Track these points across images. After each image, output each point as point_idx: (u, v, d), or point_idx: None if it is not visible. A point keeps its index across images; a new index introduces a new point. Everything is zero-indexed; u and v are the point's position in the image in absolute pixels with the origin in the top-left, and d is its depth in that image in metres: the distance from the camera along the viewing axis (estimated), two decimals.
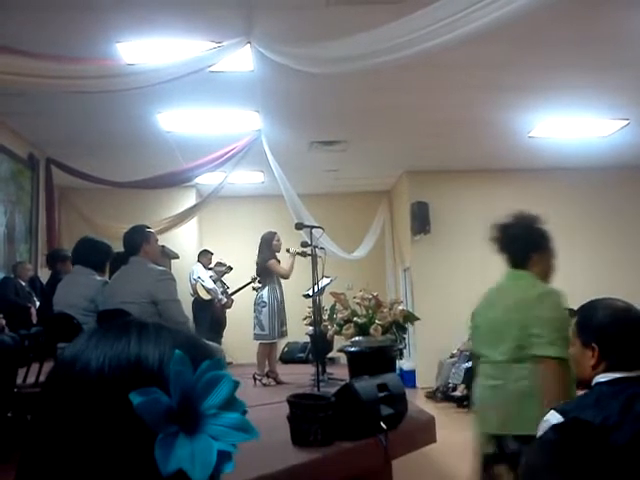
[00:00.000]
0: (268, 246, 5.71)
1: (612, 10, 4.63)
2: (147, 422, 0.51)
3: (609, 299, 1.68)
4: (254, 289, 5.95)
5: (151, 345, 0.56)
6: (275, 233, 5.80)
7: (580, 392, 1.80)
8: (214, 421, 0.53)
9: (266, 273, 5.65)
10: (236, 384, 0.55)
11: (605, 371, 1.58)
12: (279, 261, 5.73)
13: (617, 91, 6.25)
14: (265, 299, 5.53)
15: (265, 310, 5.50)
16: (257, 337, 5.56)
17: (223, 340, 7.95)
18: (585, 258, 9.05)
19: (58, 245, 7.80)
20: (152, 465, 0.50)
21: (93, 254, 4.01)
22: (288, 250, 5.67)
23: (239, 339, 7.54)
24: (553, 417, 1.46)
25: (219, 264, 8.61)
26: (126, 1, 4.32)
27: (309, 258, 4.90)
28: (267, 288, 5.59)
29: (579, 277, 8.73)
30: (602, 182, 9.12)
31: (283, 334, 5.66)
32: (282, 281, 5.75)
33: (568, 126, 7.39)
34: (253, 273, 6.02)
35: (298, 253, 5.55)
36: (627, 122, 7.22)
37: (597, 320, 1.65)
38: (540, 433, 1.48)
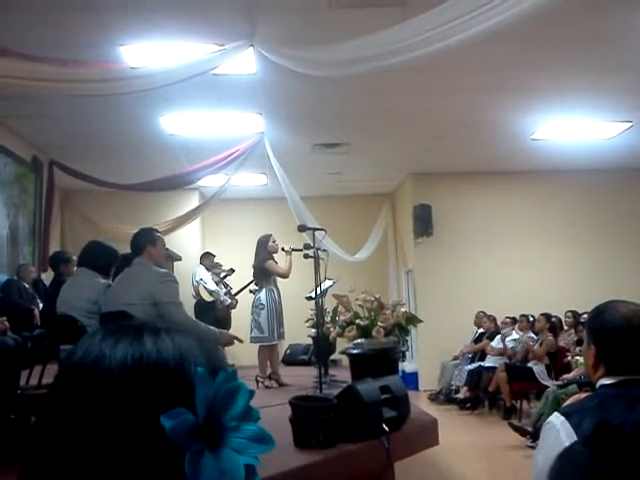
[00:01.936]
0: (264, 248, 5.71)
1: (615, 13, 4.62)
2: (177, 444, 0.50)
3: (622, 302, 1.66)
4: (251, 292, 5.95)
5: (169, 348, 0.56)
6: (270, 235, 5.79)
7: (583, 394, 1.80)
8: (235, 434, 0.53)
9: (263, 275, 5.64)
10: (251, 393, 0.55)
11: (607, 374, 1.58)
12: (276, 262, 5.73)
13: (621, 93, 6.24)
14: (263, 301, 5.53)
15: (263, 312, 5.49)
16: (255, 340, 5.52)
17: None
18: (589, 260, 9.04)
19: (62, 247, 7.84)
20: (176, 470, 0.51)
21: (99, 258, 4.01)
22: (283, 249, 5.66)
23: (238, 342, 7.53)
24: (556, 419, 1.45)
25: (217, 266, 8.61)
26: (129, 4, 4.33)
27: (311, 260, 4.90)
28: (264, 290, 5.58)
29: (583, 279, 8.73)
30: (605, 184, 9.11)
31: (281, 336, 5.66)
32: (285, 283, 5.75)
33: (571, 128, 7.38)
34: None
35: (294, 250, 5.54)
36: (630, 124, 7.21)
37: (599, 321, 1.65)
38: (544, 435, 1.48)
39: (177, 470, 0.50)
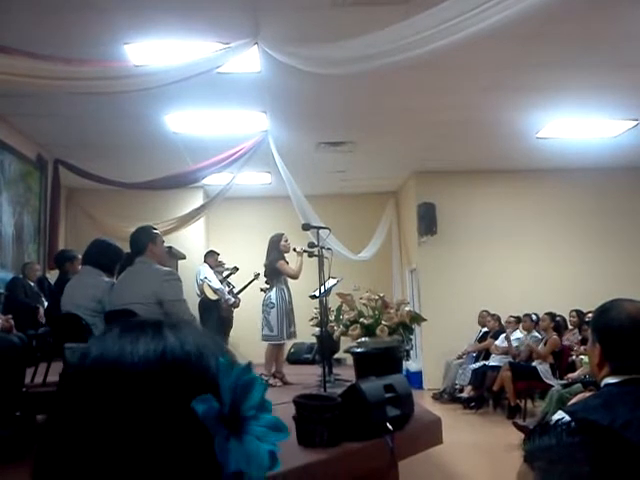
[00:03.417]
0: (276, 248, 5.73)
1: (620, 9, 4.60)
2: (209, 428, 0.52)
3: (627, 301, 1.65)
4: (262, 290, 5.96)
5: (190, 342, 0.57)
6: (282, 234, 5.82)
7: (588, 393, 1.79)
8: (255, 423, 0.55)
9: (274, 274, 5.66)
10: (266, 386, 0.58)
11: (611, 373, 1.57)
12: (287, 262, 5.74)
13: (626, 91, 6.21)
14: (273, 300, 5.55)
15: (273, 311, 5.52)
16: (265, 338, 5.57)
17: (230, 340, 7.96)
18: (594, 259, 9.01)
19: (65, 245, 7.86)
20: (208, 468, 0.52)
21: (104, 256, 4.02)
22: (295, 249, 5.68)
23: (245, 339, 7.56)
24: (563, 417, 1.45)
25: (221, 264, 8.62)
26: (133, 3, 4.34)
27: (316, 259, 4.90)
28: (275, 289, 5.60)
29: (588, 278, 8.70)
30: (611, 183, 9.08)
31: (291, 335, 5.67)
32: (290, 281, 5.76)
33: (576, 126, 7.36)
34: (258, 272, 6.03)
35: (305, 251, 5.55)
36: (636, 122, 7.18)
37: (605, 319, 1.64)
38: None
39: (208, 458, 0.52)
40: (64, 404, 0.55)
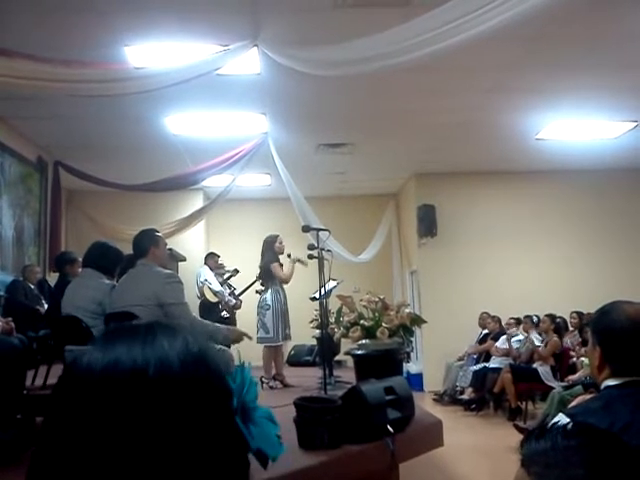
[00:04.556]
0: (271, 249, 5.73)
1: (620, 11, 4.61)
2: (234, 406, 0.57)
3: (627, 303, 1.65)
4: (257, 292, 5.96)
5: (203, 342, 0.61)
6: (277, 236, 5.81)
7: (588, 395, 1.79)
8: (255, 413, 0.60)
9: (269, 276, 5.66)
10: (256, 384, 0.64)
11: (612, 375, 1.57)
12: (282, 264, 5.74)
13: (626, 93, 6.22)
14: (269, 302, 5.55)
15: (269, 313, 5.51)
16: (261, 340, 5.54)
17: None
18: (594, 260, 9.01)
19: (66, 248, 7.85)
20: (231, 448, 0.56)
21: (105, 259, 4.02)
22: (289, 255, 5.69)
23: (245, 342, 7.53)
24: (561, 420, 1.45)
25: (221, 266, 8.62)
26: (133, 5, 4.34)
27: (315, 261, 4.90)
28: (270, 291, 5.60)
29: (588, 280, 8.70)
30: (611, 184, 9.08)
31: (287, 337, 5.66)
32: (290, 283, 5.76)
33: (576, 128, 7.36)
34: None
35: (298, 260, 5.57)
36: (635, 124, 7.19)
37: (605, 322, 1.63)
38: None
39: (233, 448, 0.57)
40: (71, 410, 0.55)
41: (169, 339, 0.58)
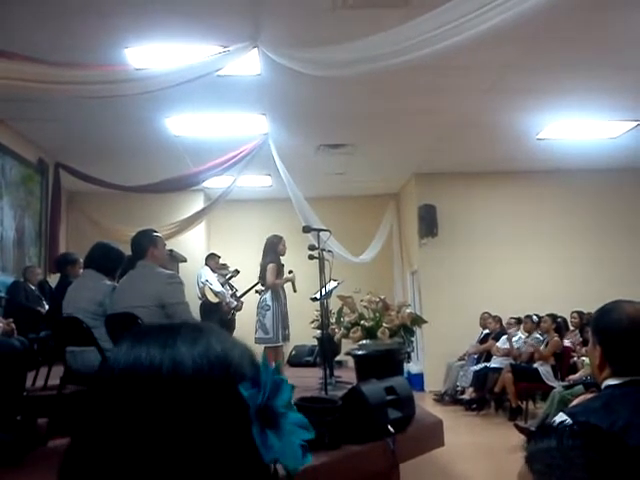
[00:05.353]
0: (273, 250, 5.73)
1: (620, 12, 4.61)
2: (250, 413, 0.55)
3: (628, 302, 1.64)
4: (257, 292, 5.96)
5: (229, 344, 0.60)
6: (281, 237, 5.82)
7: (589, 395, 1.79)
8: (285, 419, 0.58)
9: None
10: (293, 388, 0.61)
11: (612, 375, 1.57)
12: (283, 265, 5.74)
13: (626, 92, 6.21)
14: (269, 302, 5.54)
15: (269, 314, 5.51)
16: (260, 341, 5.52)
17: None
18: (595, 260, 9.00)
19: (66, 249, 7.86)
20: (247, 457, 0.55)
21: (106, 260, 4.01)
22: (290, 272, 5.74)
23: (248, 342, 7.52)
24: (561, 420, 1.45)
25: (222, 267, 8.63)
26: (134, 7, 4.35)
27: (316, 261, 4.91)
28: (270, 291, 5.59)
29: (589, 279, 8.69)
30: (611, 184, 9.08)
31: (286, 338, 5.66)
32: (286, 285, 5.77)
33: (576, 128, 7.36)
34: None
35: (292, 282, 5.73)
36: (637, 123, 7.19)
37: (605, 321, 1.63)
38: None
39: (247, 453, 0.55)
40: (93, 406, 0.56)
41: (190, 341, 0.58)
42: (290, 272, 5.77)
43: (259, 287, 5.93)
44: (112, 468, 0.53)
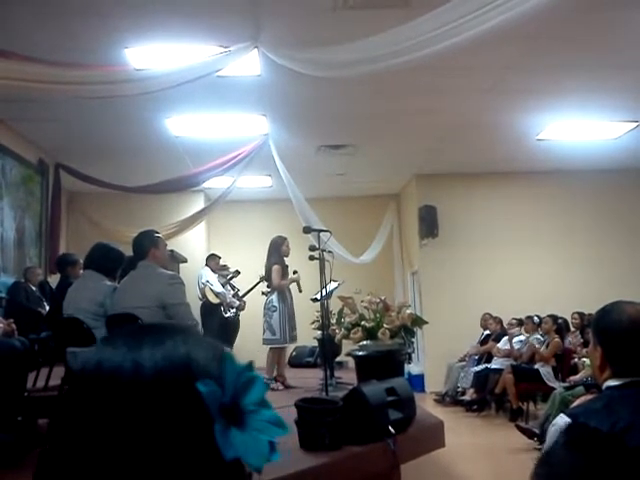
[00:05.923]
0: (277, 250, 5.73)
1: (620, 12, 4.61)
2: (210, 411, 0.54)
3: (629, 303, 1.64)
4: (263, 293, 5.97)
5: (197, 345, 0.59)
6: (285, 238, 5.83)
7: (590, 396, 1.78)
8: (255, 417, 0.58)
9: None
10: (266, 386, 0.60)
11: (613, 376, 1.56)
12: (287, 266, 5.75)
13: (626, 93, 6.21)
14: (275, 303, 5.55)
15: (275, 314, 5.52)
16: (267, 342, 5.56)
17: (236, 344, 7.94)
18: (596, 261, 9.00)
19: (67, 249, 7.86)
20: (208, 456, 0.54)
21: (106, 261, 4.02)
22: (295, 272, 5.75)
23: (247, 343, 7.55)
24: (562, 420, 1.45)
25: (223, 267, 8.63)
26: (134, 7, 4.35)
27: (317, 262, 4.91)
28: (276, 292, 5.60)
29: (589, 280, 8.69)
30: (612, 184, 9.07)
31: (293, 339, 5.67)
32: (291, 285, 5.77)
33: (577, 129, 7.36)
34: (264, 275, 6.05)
35: (298, 282, 5.72)
36: (636, 124, 7.18)
37: (606, 322, 1.63)
38: (551, 437, 1.47)
39: (208, 451, 0.54)
40: (68, 411, 0.57)
41: (155, 343, 0.58)
42: (295, 272, 5.77)
43: (265, 289, 5.94)
44: (72, 469, 0.54)
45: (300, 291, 5.80)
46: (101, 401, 0.55)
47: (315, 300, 5.48)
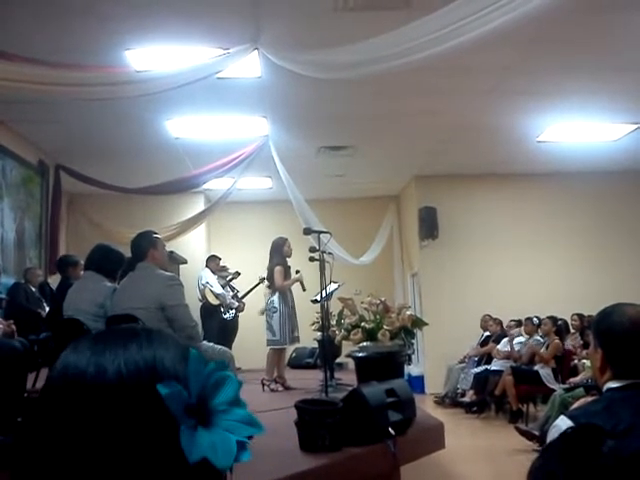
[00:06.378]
0: (279, 252, 5.74)
1: (620, 14, 4.61)
2: (173, 412, 0.54)
3: (629, 305, 1.64)
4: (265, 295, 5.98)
5: (162, 347, 0.59)
6: (286, 239, 5.83)
7: (590, 398, 1.78)
8: (225, 416, 0.57)
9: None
10: (240, 384, 0.59)
11: (613, 378, 1.56)
12: (289, 267, 5.75)
13: (626, 95, 6.22)
14: (276, 305, 5.56)
15: (276, 316, 5.52)
16: (269, 342, 5.59)
17: (233, 345, 7.94)
18: (596, 263, 9.00)
19: (67, 250, 7.86)
20: (175, 458, 0.54)
21: (107, 261, 4.02)
22: (297, 272, 5.75)
23: (247, 344, 7.55)
24: (562, 422, 1.45)
25: (223, 268, 8.63)
26: (135, 8, 4.35)
27: (317, 263, 4.91)
28: (278, 293, 5.60)
29: (590, 282, 8.69)
30: (612, 186, 9.08)
31: (294, 340, 5.67)
32: (292, 286, 5.77)
33: (577, 130, 7.36)
34: (263, 276, 6.06)
35: (301, 282, 5.72)
36: (637, 126, 7.19)
37: (606, 324, 1.63)
38: (551, 439, 1.47)
39: (173, 452, 0.54)
40: (36, 416, 0.58)
41: (120, 346, 0.58)
42: (297, 272, 5.77)
43: (265, 290, 5.94)
44: (38, 473, 0.55)
45: (304, 290, 5.78)
46: (66, 406, 0.55)
47: (315, 301, 5.48)
